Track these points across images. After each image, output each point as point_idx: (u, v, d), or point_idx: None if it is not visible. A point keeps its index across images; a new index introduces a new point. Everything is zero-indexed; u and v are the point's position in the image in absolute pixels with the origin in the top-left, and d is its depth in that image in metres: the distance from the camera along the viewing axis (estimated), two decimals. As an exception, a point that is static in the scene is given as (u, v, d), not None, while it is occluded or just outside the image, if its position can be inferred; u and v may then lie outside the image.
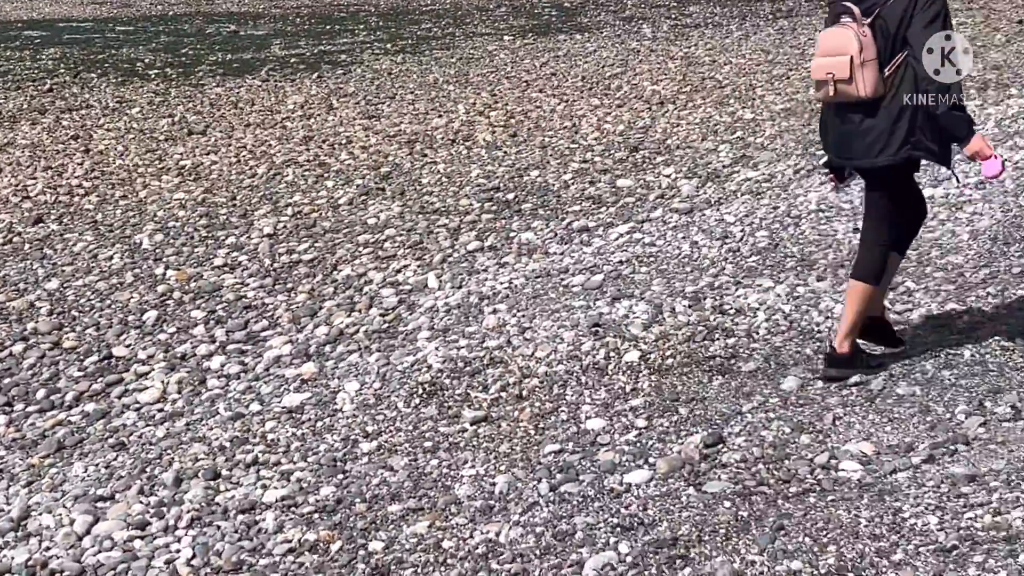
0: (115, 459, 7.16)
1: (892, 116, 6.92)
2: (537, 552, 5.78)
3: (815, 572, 5.40)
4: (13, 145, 15.47)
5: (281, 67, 20.83)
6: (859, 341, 7.42)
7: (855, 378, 7.29)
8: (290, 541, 6.06)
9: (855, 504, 5.93)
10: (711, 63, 19.23)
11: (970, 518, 5.71)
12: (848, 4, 6.95)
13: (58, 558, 6.09)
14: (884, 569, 5.38)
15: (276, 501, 6.46)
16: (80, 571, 5.97)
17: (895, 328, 7.82)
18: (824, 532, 5.71)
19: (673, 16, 24.73)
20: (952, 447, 6.39)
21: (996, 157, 6.97)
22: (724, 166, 12.98)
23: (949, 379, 7.20)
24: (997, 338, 7.71)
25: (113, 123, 16.62)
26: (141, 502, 6.59)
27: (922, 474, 6.15)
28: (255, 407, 7.76)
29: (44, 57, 22.50)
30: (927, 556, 5.45)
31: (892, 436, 6.58)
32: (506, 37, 23.11)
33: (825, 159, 7.63)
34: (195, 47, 23.44)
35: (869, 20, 6.86)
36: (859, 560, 5.46)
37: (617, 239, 10.63)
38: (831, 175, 7.61)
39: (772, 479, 6.25)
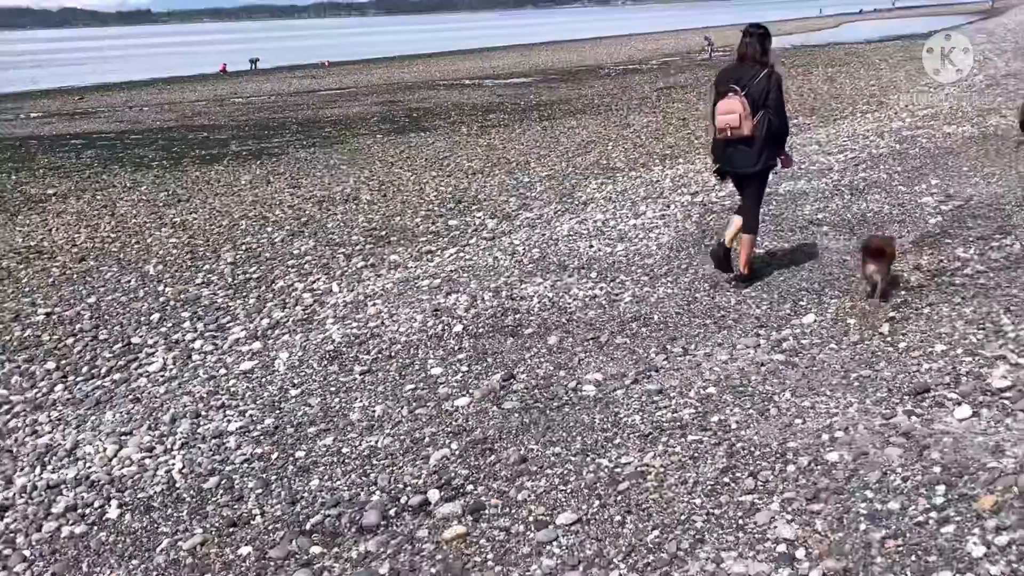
0: (132, 408, 6.98)
1: (758, 146, 7.87)
2: (401, 452, 5.79)
3: (568, 453, 5.48)
4: (66, 212, 15.00)
5: (236, 158, 20.43)
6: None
7: (591, 334, 7.42)
8: (245, 454, 5.99)
9: (591, 411, 6.03)
10: (503, 148, 19.31)
11: (659, 415, 5.85)
12: (732, 85, 7.87)
13: (96, 473, 5.97)
14: (609, 449, 5.49)
15: (236, 429, 6.37)
16: (110, 480, 5.86)
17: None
18: (573, 429, 5.80)
19: (480, 121, 24.81)
20: (648, 373, 6.54)
21: (792, 159, 8.61)
22: (513, 210, 13.05)
23: (646, 332, 7.35)
24: (674, 308, 7.89)
25: (129, 196, 16.17)
26: (149, 434, 6.45)
27: (630, 390, 6.29)
28: (223, 371, 7.62)
29: (84, 156, 21.80)
30: (634, 439, 5.57)
31: (613, 368, 6.70)
32: (378, 135, 22.98)
33: (715, 168, 8.46)
34: (181, 147, 22.91)
35: (744, 93, 7.79)
36: (594, 445, 5.56)
37: (449, 257, 10.64)
38: (718, 176, 8.55)
39: (543, 398, 6.32)
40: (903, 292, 7.55)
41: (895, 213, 10.21)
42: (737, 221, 8.25)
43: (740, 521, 4.58)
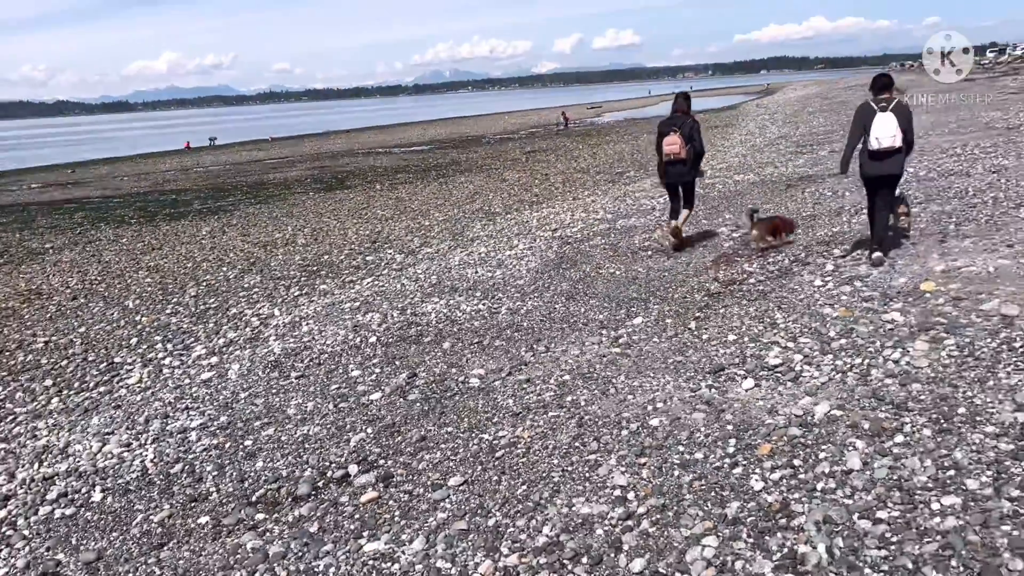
0: (114, 413, 6.69)
1: (688, 164, 9.56)
2: (328, 437, 5.68)
3: (458, 432, 5.45)
4: (61, 262, 14.32)
5: (198, 214, 19.82)
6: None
7: (476, 339, 7.39)
8: (204, 445, 5.80)
9: (476, 399, 6.01)
10: (408, 199, 19.21)
11: (527, 399, 5.86)
12: (671, 127, 9.54)
13: (83, 465, 5.70)
14: (489, 426, 5.47)
15: (197, 426, 6.17)
16: (95, 471, 5.61)
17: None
18: (462, 413, 5.77)
19: (390, 179, 24.64)
20: (519, 367, 6.54)
21: (703, 172, 10.10)
22: (416, 247, 12.97)
23: (518, 336, 7.37)
24: (539, 317, 7.93)
25: (112, 247, 15.53)
26: (128, 432, 6.21)
27: (506, 381, 6.29)
28: (187, 381, 7.36)
29: (76, 217, 20.85)
30: (508, 418, 5.57)
31: (493, 364, 6.69)
32: (310, 193, 22.61)
33: (662, 182, 9.99)
34: (154, 207, 22.08)
35: (679, 131, 9.47)
36: (479, 423, 5.55)
37: (367, 285, 10.50)
38: (666, 188, 10.01)
39: (439, 390, 6.27)
40: (707, 298, 7.76)
41: (700, 239, 10.48)
42: (681, 214, 9.94)
43: (587, 474, 4.62)
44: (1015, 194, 10.25)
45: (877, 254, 7.93)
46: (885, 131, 7.54)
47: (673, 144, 9.43)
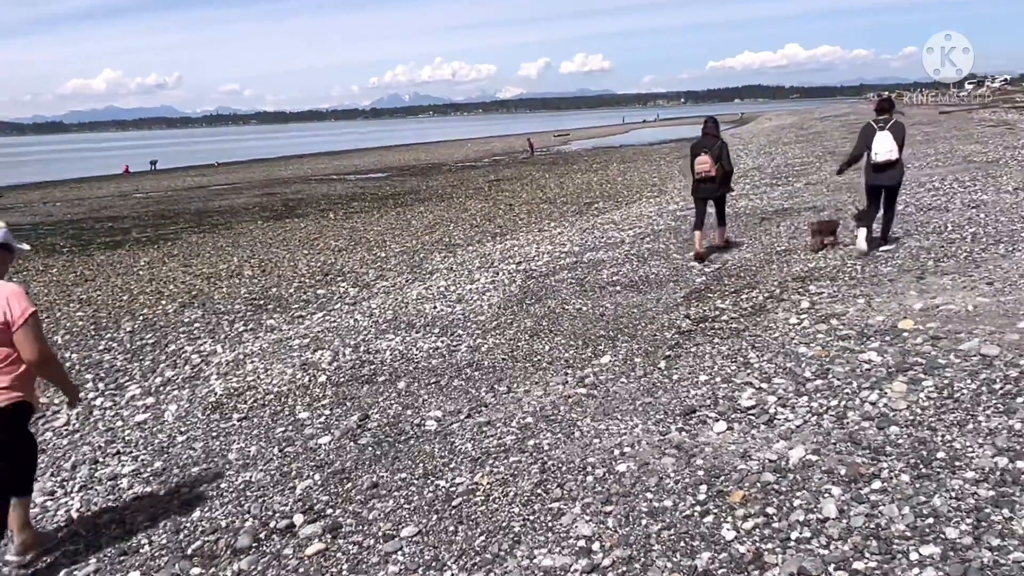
0: (38, 459, 6.50)
1: (718, 182, 11.05)
2: (272, 484, 5.58)
3: (412, 478, 5.40)
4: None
5: (136, 243, 19.62)
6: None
7: (434, 379, 7.36)
8: (136, 493, 5.67)
9: (432, 442, 5.96)
10: (364, 229, 19.20)
11: (487, 443, 5.81)
12: (703, 149, 10.98)
13: None
14: (446, 472, 5.42)
15: (129, 472, 6.03)
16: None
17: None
18: (417, 458, 5.71)
19: (344, 208, 24.61)
20: (479, 409, 6.50)
21: (732, 188, 11.77)
22: (371, 280, 12.94)
23: (478, 376, 7.34)
24: (501, 355, 7.91)
25: (41, 278, 15.25)
26: (52, 480, 6.05)
27: (465, 424, 6.24)
28: (119, 423, 7.22)
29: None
30: (467, 463, 5.52)
31: (451, 405, 6.64)
32: (259, 221, 22.50)
33: (692, 197, 11.44)
34: (88, 235, 21.77)
35: (709, 152, 10.92)
36: (435, 469, 5.49)
37: (317, 320, 10.43)
38: (695, 202, 11.34)
39: (392, 433, 6.22)
40: (677, 336, 7.81)
41: (670, 274, 10.59)
42: (699, 234, 11.21)
43: (549, 524, 4.59)
44: (994, 230, 10.53)
45: (878, 238, 10.02)
46: (883, 147, 9.67)
47: (704, 163, 10.91)
